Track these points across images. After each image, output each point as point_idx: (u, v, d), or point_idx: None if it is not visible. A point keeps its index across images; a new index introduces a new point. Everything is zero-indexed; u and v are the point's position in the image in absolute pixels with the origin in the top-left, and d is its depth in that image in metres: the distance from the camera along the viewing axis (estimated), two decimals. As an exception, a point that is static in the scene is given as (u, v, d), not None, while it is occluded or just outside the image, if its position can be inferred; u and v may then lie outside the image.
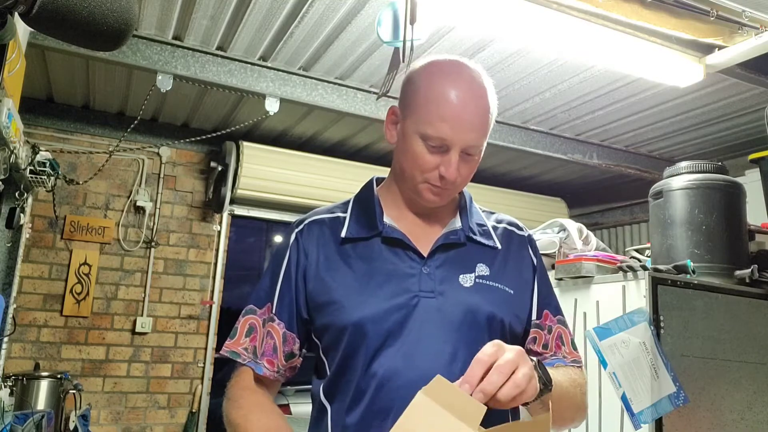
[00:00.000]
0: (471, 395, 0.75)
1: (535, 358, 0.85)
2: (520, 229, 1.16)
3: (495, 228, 1.12)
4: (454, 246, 1.05)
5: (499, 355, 0.78)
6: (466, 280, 1.02)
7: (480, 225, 1.10)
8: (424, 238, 1.05)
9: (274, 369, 1.04)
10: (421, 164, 1.00)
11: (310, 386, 1.08)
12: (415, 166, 1.01)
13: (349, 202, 1.14)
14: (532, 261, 1.12)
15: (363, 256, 1.03)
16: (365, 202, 1.10)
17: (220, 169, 3.68)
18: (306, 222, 1.10)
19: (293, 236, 1.09)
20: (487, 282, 1.03)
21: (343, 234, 1.05)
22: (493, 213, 1.18)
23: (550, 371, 0.88)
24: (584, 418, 1.07)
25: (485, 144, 1.04)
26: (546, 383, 0.85)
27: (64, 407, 2.67)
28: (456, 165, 0.99)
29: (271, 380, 1.05)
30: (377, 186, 1.14)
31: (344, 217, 1.09)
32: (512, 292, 1.05)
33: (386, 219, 1.06)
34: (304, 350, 1.08)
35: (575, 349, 1.13)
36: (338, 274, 1.02)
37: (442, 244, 1.04)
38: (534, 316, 1.09)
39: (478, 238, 1.07)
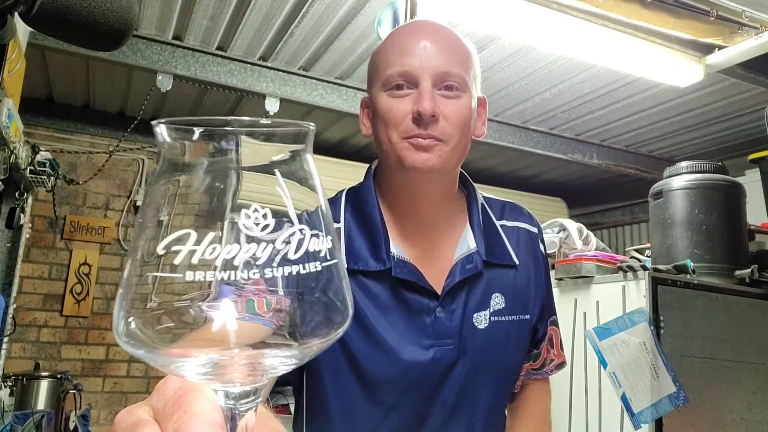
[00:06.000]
0: None
1: None
2: (532, 224, 1.03)
3: (508, 231, 0.98)
4: (471, 279, 0.91)
5: None
6: (480, 320, 0.91)
7: (493, 235, 0.96)
8: (435, 264, 0.92)
9: None
10: (393, 117, 0.85)
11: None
12: (388, 124, 0.86)
13: (339, 202, 0.95)
14: (543, 260, 1.01)
15: (369, 293, 0.88)
16: (365, 214, 0.92)
17: (220, 169, 3.67)
18: None
19: None
20: (503, 318, 0.93)
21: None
22: (500, 203, 1.04)
23: None
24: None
25: (472, 84, 0.89)
26: None
27: (64, 407, 2.67)
28: (431, 96, 0.83)
29: None
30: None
31: (338, 228, 0.91)
32: (527, 316, 0.96)
33: (393, 248, 0.89)
34: None
35: (563, 348, 1.07)
36: None
37: (459, 281, 0.90)
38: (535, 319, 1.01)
39: (495, 259, 0.94)
